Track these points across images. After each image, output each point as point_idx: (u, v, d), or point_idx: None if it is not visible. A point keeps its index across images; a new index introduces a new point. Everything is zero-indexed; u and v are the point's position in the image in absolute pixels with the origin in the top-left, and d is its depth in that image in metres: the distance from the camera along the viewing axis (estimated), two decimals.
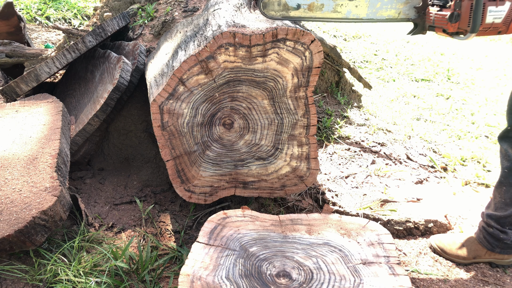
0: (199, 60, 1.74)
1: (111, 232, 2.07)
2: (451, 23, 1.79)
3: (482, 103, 4.62)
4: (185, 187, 1.99)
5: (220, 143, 1.95)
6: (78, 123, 2.40)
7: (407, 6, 1.88)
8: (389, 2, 1.84)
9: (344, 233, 1.56)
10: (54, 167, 1.83)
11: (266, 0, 1.78)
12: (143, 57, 2.61)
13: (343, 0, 1.80)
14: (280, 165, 2.01)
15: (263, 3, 1.78)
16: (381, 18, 1.90)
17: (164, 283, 1.76)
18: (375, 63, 5.97)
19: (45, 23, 4.97)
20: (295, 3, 1.80)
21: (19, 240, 1.62)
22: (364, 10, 1.83)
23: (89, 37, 2.54)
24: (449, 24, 1.80)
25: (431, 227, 2.22)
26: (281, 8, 1.81)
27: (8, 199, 1.69)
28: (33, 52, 3.11)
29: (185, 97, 1.82)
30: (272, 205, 2.26)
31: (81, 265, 1.71)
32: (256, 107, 1.90)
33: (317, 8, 1.80)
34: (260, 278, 1.37)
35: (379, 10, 1.85)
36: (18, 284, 1.69)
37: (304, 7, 1.80)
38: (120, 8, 3.62)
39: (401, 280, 1.35)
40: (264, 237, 1.54)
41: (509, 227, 1.88)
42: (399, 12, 1.88)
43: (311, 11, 1.81)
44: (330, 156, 2.94)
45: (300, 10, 1.81)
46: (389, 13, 1.87)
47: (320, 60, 1.81)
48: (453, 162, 3.03)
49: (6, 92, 2.48)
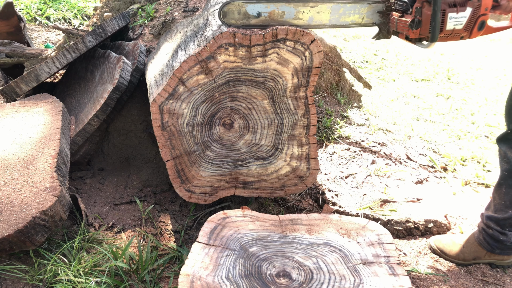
0: (199, 60, 1.74)
1: (111, 232, 2.07)
2: (412, 29, 1.78)
3: (482, 103, 4.62)
4: (185, 187, 1.99)
5: (220, 143, 1.95)
6: (78, 123, 2.40)
7: (371, 11, 1.86)
8: (352, 8, 1.82)
9: (344, 233, 1.56)
10: (54, 167, 1.83)
11: (225, 9, 1.76)
12: (143, 57, 2.61)
13: (304, 7, 1.78)
14: (280, 165, 2.01)
15: (222, 12, 1.76)
16: (345, 23, 1.88)
17: (164, 283, 1.76)
18: (375, 63, 5.97)
19: (45, 23, 4.97)
20: (255, 11, 1.77)
21: (19, 240, 1.62)
22: (327, 16, 1.81)
23: (89, 37, 2.54)
24: (410, 31, 1.80)
25: (431, 227, 2.22)
26: (241, 17, 1.78)
27: (8, 199, 1.69)
28: (33, 52, 3.11)
29: (185, 97, 1.82)
30: (272, 205, 2.26)
31: (81, 265, 1.71)
32: (256, 107, 1.90)
33: (278, 15, 1.78)
34: (260, 278, 1.37)
35: (342, 15, 1.83)
36: (18, 284, 1.69)
37: (265, 15, 1.78)
38: (120, 8, 3.62)
39: (401, 280, 1.35)
40: (264, 237, 1.54)
41: (509, 229, 1.88)
42: (362, 17, 1.87)
43: (272, 18, 1.79)
44: (330, 156, 2.94)
45: (261, 18, 1.78)
46: (352, 18, 1.85)
47: (320, 60, 1.81)
48: (453, 162, 3.03)
49: (6, 92, 2.48)
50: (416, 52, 6.55)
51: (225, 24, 1.78)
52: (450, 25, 1.79)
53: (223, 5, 1.74)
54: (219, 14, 1.75)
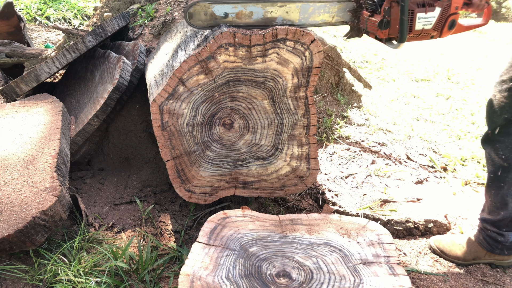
0: (199, 60, 1.74)
1: (111, 232, 2.07)
2: (381, 29, 1.77)
3: (482, 103, 4.62)
4: (185, 187, 1.99)
5: (220, 143, 1.95)
6: (78, 123, 2.40)
7: (341, 9, 1.84)
8: (322, 6, 1.81)
9: (344, 233, 1.56)
10: (54, 167, 1.83)
11: (191, 11, 1.74)
12: (143, 57, 2.61)
13: (273, 7, 1.76)
14: (280, 165, 2.01)
15: (188, 13, 1.74)
16: (315, 22, 1.87)
17: (164, 283, 1.76)
18: (375, 63, 5.97)
19: (45, 23, 4.97)
20: (222, 12, 1.75)
21: (19, 240, 1.62)
22: (296, 15, 1.80)
23: (89, 37, 2.54)
24: (379, 31, 1.79)
25: (431, 227, 2.22)
26: (208, 18, 1.77)
27: (8, 199, 1.69)
28: (33, 52, 3.11)
29: (185, 97, 1.82)
30: (272, 205, 2.26)
31: (81, 265, 1.71)
32: (256, 107, 1.90)
33: (246, 16, 1.77)
34: (260, 278, 1.37)
35: (312, 14, 1.81)
36: (18, 284, 1.69)
37: (232, 16, 1.76)
38: (120, 8, 3.62)
39: (401, 280, 1.35)
40: (264, 237, 1.54)
41: (505, 229, 1.88)
42: (333, 16, 1.85)
43: (240, 19, 1.77)
44: (330, 156, 2.94)
45: (229, 18, 1.77)
46: (322, 18, 1.84)
47: (320, 60, 1.81)
48: (453, 162, 3.03)
49: (6, 92, 2.48)
50: (416, 52, 6.56)
51: (192, 25, 1.76)
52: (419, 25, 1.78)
53: (189, 6, 1.73)
54: (185, 16, 1.74)
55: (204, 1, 1.73)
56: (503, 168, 1.80)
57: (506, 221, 1.86)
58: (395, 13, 1.73)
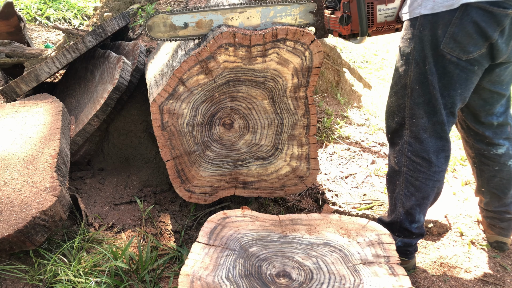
0: (199, 60, 1.74)
1: (111, 232, 2.07)
2: (342, 25, 1.76)
3: None
4: (185, 187, 1.99)
5: (220, 143, 1.95)
6: (78, 123, 2.40)
7: (303, 11, 1.83)
8: (283, 10, 1.80)
9: (344, 233, 1.56)
10: (54, 167, 1.83)
11: (150, 23, 1.74)
12: (143, 57, 2.61)
13: (232, 13, 1.76)
14: (280, 165, 2.01)
15: (147, 26, 1.73)
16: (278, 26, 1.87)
17: (164, 283, 1.76)
18: (375, 63, 5.97)
19: (45, 23, 4.97)
20: (181, 22, 1.75)
21: (19, 240, 1.62)
22: (257, 20, 1.79)
23: (89, 37, 2.54)
24: (341, 27, 1.78)
25: (431, 227, 2.22)
26: (168, 29, 1.77)
27: (8, 199, 1.69)
28: (33, 52, 3.11)
29: (185, 97, 1.82)
30: (272, 205, 2.26)
31: (81, 265, 1.71)
32: (256, 107, 1.90)
33: (206, 24, 1.77)
34: (260, 278, 1.37)
35: (274, 18, 1.81)
36: (18, 284, 1.69)
37: (192, 25, 1.76)
38: (120, 8, 3.62)
39: (401, 280, 1.35)
40: (264, 237, 1.54)
41: (397, 234, 1.83)
42: (295, 19, 1.84)
43: (200, 28, 1.77)
44: (330, 156, 2.94)
45: (189, 28, 1.77)
46: (285, 21, 1.83)
47: (320, 60, 1.81)
48: (453, 162, 3.03)
49: (6, 92, 2.48)
50: None
51: (152, 38, 1.76)
52: (381, 17, 1.77)
53: (148, 19, 1.73)
54: (144, 29, 1.74)
55: (162, 13, 1.74)
56: (394, 172, 1.81)
57: (396, 225, 1.83)
58: (354, 7, 1.72)
